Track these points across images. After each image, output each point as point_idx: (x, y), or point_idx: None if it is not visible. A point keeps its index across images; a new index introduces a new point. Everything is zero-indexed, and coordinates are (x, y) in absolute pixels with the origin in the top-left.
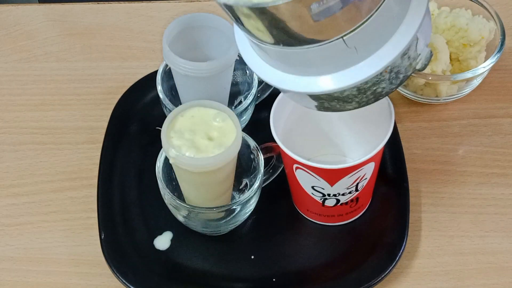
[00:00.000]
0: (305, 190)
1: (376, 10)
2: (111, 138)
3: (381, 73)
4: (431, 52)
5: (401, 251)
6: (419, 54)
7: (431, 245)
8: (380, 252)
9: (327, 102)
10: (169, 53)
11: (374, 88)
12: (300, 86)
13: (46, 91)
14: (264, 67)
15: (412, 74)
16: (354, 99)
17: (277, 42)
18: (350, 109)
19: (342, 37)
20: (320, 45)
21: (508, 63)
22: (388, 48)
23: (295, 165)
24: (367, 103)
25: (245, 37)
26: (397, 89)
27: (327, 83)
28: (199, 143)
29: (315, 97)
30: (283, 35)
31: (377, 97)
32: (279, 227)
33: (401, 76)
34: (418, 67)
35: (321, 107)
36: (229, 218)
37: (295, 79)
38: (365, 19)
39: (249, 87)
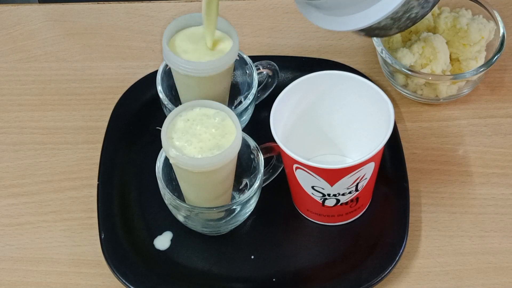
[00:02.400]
0: (305, 190)
1: None
2: (111, 138)
3: (408, 2)
4: None
5: (401, 251)
6: None
7: (431, 245)
8: (380, 252)
9: (371, 31)
10: (169, 53)
11: (407, 15)
12: (344, 26)
13: (46, 91)
14: (316, 15)
15: (414, 74)
16: (392, 26)
17: None
18: (393, 34)
19: None
20: None
21: (508, 63)
22: None
23: (295, 165)
24: (407, 27)
25: None
26: (397, 89)
27: (359, 21)
28: (199, 143)
29: (358, 30)
30: None
31: (414, 21)
32: (279, 227)
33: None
34: None
35: (368, 35)
36: (229, 218)
37: (338, 20)
38: None
39: (249, 87)
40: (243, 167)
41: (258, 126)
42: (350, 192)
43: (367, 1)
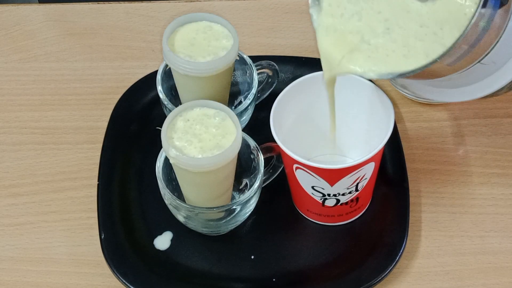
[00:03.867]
0: (305, 190)
1: (504, 31)
2: (111, 138)
3: None
4: None
5: (401, 251)
6: None
7: (431, 245)
8: (380, 252)
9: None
10: (169, 53)
11: None
12: (457, 97)
13: (46, 91)
14: (429, 89)
15: None
16: (504, 87)
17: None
18: (501, 94)
19: (479, 61)
20: (461, 72)
21: None
22: None
23: (295, 165)
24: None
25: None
26: (397, 89)
27: (479, 91)
28: (199, 143)
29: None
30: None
31: None
32: (279, 227)
33: None
34: None
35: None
36: (229, 218)
37: (452, 92)
38: (494, 44)
39: (249, 87)
40: (243, 167)
41: (258, 126)
42: (350, 192)
43: (485, 75)
